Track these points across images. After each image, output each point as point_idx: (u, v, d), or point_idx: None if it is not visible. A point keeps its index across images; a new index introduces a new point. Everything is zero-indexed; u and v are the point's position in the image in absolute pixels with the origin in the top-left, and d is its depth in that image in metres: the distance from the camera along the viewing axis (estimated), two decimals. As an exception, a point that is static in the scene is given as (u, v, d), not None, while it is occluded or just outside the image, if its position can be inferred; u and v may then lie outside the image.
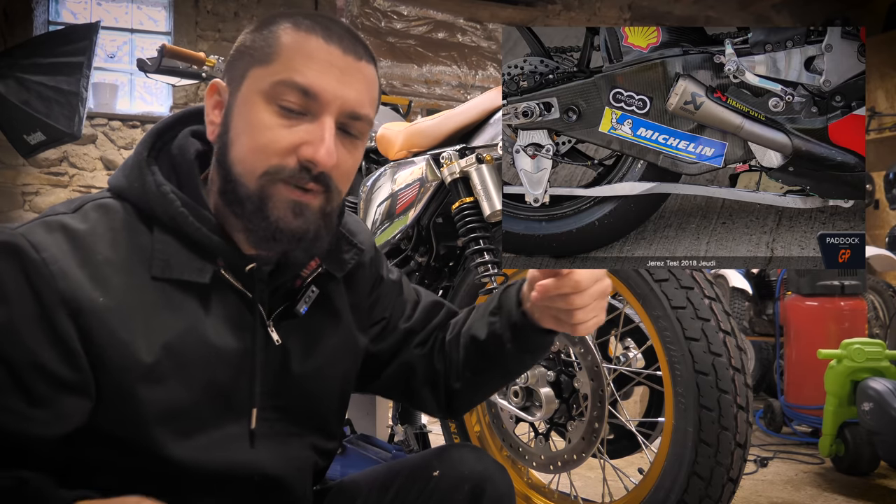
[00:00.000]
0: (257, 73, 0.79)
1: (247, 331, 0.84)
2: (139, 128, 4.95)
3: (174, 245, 0.79)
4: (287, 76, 0.77)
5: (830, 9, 6.37)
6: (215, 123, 0.83)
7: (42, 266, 0.71)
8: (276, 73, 0.78)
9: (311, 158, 0.78)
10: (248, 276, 0.84)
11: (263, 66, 0.79)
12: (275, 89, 0.78)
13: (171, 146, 0.85)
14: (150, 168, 0.81)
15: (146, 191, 0.79)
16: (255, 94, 0.79)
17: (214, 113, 0.83)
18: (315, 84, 0.78)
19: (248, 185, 0.79)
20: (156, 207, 0.79)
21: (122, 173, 0.82)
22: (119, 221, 0.78)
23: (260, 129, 0.78)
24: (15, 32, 4.61)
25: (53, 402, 0.72)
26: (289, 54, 0.78)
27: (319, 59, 0.79)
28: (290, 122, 0.78)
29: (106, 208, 0.78)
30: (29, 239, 0.71)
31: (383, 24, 5.64)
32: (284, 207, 0.79)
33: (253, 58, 0.80)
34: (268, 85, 0.78)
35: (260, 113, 0.78)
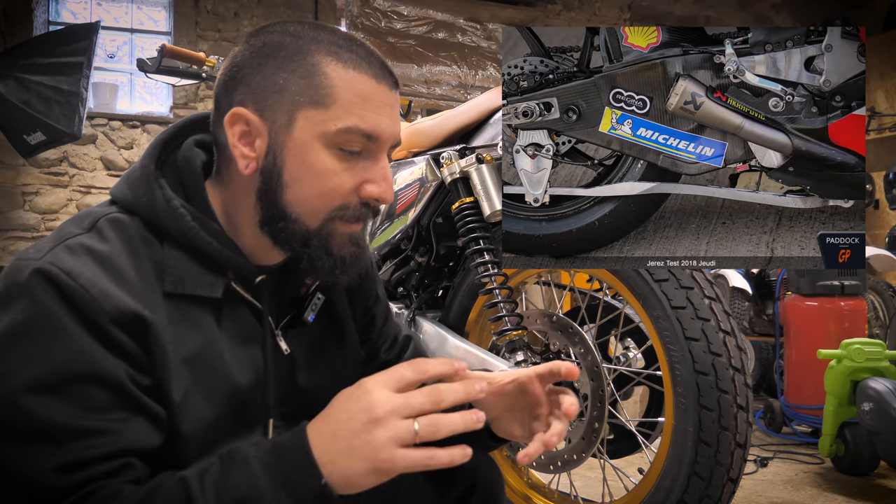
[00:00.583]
0: (312, 116, 0.78)
1: (257, 342, 0.84)
2: (139, 128, 4.95)
3: (185, 260, 0.78)
4: (353, 124, 0.77)
5: (830, 9, 6.37)
6: (250, 158, 0.80)
7: (83, 292, 0.69)
8: (338, 118, 0.77)
9: (377, 197, 0.81)
10: (257, 287, 0.84)
11: (319, 110, 0.77)
12: (339, 136, 0.78)
13: (177, 157, 0.84)
14: (157, 182, 0.79)
15: (155, 205, 0.78)
16: (314, 139, 0.78)
17: (243, 146, 0.80)
18: (378, 129, 0.79)
19: (310, 225, 0.80)
20: (166, 222, 0.78)
21: (127, 186, 0.80)
22: (135, 237, 0.77)
23: (325, 174, 0.78)
24: (15, 32, 4.61)
25: (150, 408, 0.71)
26: (348, 98, 0.78)
27: (376, 102, 0.79)
28: (351, 164, 0.79)
29: (119, 224, 0.77)
30: (60, 267, 0.69)
31: (383, 24, 5.64)
32: (346, 241, 0.82)
33: (300, 97, 0.78)
34: (331, 131, 0.77)
35: (322, 158, 0.78)
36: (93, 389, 0.68)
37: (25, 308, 0.68)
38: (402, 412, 0.65)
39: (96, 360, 0.68)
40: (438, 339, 1.65)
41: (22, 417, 0.65)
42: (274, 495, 0.64)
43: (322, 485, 0.64)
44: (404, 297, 1.85)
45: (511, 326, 1.48)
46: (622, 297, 1.46)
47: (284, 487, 0.64)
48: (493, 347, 1.58)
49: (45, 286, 0.68)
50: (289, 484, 0.65)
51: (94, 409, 0.67)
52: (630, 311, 1.54)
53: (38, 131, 3.88)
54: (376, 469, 0.65)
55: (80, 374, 0.67)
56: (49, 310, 0.68)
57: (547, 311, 1.56)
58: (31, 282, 0.68)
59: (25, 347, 0.67)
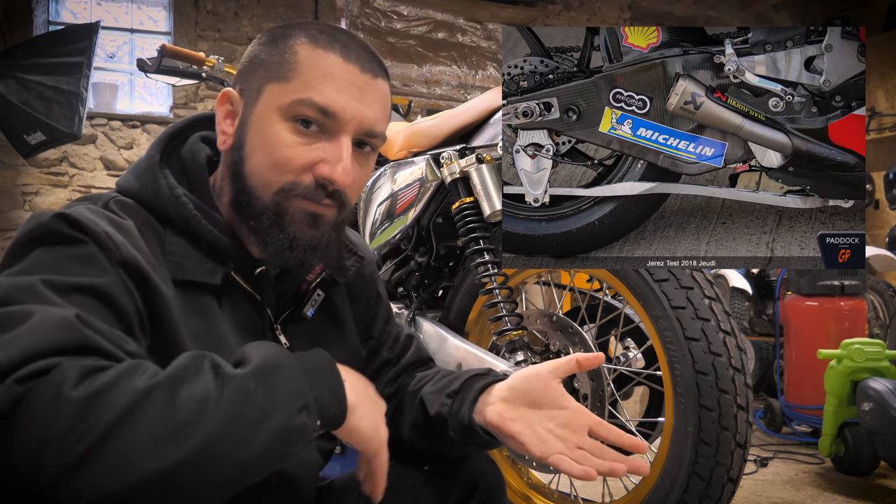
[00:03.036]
0: (274, 89, 0.79)
1: (257, 334, 0.84)
2: (139, 128, 4.95)
3: (186, 247, 0.79)
4: (306, 95, 0.78)
5: (830, 9, 6.37)
6: (227, 134, 0.83)
7: (104, 235, 0.70)
8: (294, 91, 0.78)
9: (328, 177, 0.79)
10: (257, 280, 0.84)
11: (281, 83, 0.79)
12: (293, 107, 0.78)
13: (182, 150, 0.86)
14: (162, 171, 0.81)
15: (159, 193, 0.79)
16: (273, 111, 0.79)
17: (226, 123, 0.83)
18: (334, 104, 0.78)
19: (264, 199, 0.80)
20: (169, 210, 0.79)
21: (133, 176, 0.82)
22: (141, 220, 0.78)
23: (277, 146, 0.78)
24: (15, 32, 4.60)
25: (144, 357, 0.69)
26: (307, 72, 0.78)
27: (338, 78, 0.79)
28: (307, 140, 0.79)
29: (128, 206, 0.78)
30: (83, 215, 0.71)
31: (383, 24, 5.64)
32: (300, 220, 0.80)
33: (269, 72, 0.80)
34: (286, 102, 0.78)
35: (277, 130, 0.78)
36: (105, 311, 0.67)
37: (49, 246, 0.68)
38: None
39: (115, 288, 0.68)
40: (438, 339, 1.65)
41: (32, 295, 0.63)
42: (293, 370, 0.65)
43: (341, 382, 0.68)
44: (404, 297, 1.85)
45: (511, 326, 1.48)
46: (622, 297, 1.46)
47: (306, 375, 0.66)
48: (493, 347, 1.58)
49: (69, 225, 0.70)
50: (311, 373, 0.67)
51: (97, 326, 0.64)
52: (630, 311, 1.54)
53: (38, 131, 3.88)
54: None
55: (95, 288, 0.67)
56: (75, 238, 0.69)
57: (547, 311, 1.56)
58: (54, 221, 0.69)
59: (49, 263, 0.67)
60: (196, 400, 0.58)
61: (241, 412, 0.60)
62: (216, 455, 0.58)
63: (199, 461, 0.57)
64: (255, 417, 0.60)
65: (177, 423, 0.57)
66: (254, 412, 0.60)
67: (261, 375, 0.62)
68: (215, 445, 0.58)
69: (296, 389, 0.64)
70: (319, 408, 0.66)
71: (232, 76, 2.26)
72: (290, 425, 0.62)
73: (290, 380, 0.64)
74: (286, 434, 0.62)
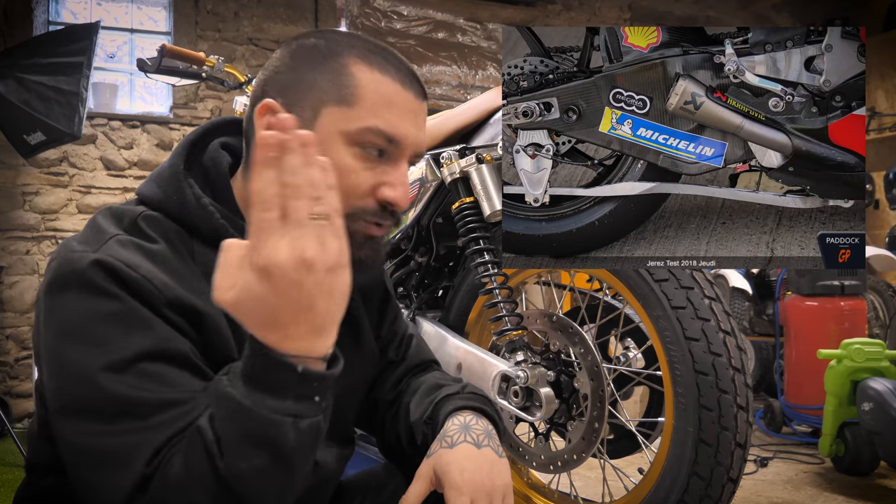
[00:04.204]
0: (335, 113, 0.79)
1: None
2: (139, 128, 4.95)
3: (215, 256, 0.79)
4: (373, 124, 0.78)
5: (830, 9, 6.37)
6: None
7: (144, 281, 0.70)
8: (360, 118, 0.78)
9: (392, 201, 0.81)
10: None
11: (343, 108, 0.79)
12: (360, 135, 0.78)
13: (203, 158, 0.86)
14: (187, 181, 0.81)
15: (186, 203, 0.79)
16: (336, 135, 0.79)
17: None
18: (399, 132, 0.80)
19: None
20: (196, 220, 0.79)
21: (156, 185, 0.82)
22: (172, 234, 0.78)
23: (344, 171, 0.78)
24: (15, 32, 4.60)
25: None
26: (372, 99, 0.79)
27: (399, 105, 0.80)
28: (370, 165, 0.80)
29: (155, 221, 0.78)
30: (119, 259, 0.70)
31: (383, 24, 5.64)
32: (363, 242, 0.81)
33: (326, 94, 0.79)
34: (353, 129, 0.78)
35: (342, 155, 0.79)
36: (164, 366, 0.68)
37: (86, 296, 0.68)
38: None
39: (165, 337, 0.69)
40: (438, 339, 1.65)
41: (103, 396, 0.65)
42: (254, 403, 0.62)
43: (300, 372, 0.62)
44: (404, 297, 1.85)
45: (511, 326, 1.48)
46: (622, 297, 1.46)
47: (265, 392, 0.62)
48: (493, 347, 1.58)
49: (106, 275, 0.69)
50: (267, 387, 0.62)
51: (170, 382, 0.67)
52: (630, 311, 1.54)
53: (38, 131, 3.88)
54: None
55: (150, 351, 0.68)
56: (112, 294, 0.69)
57: (547, 311, 1.56)
58: (90, 270, 0.69)
59: (93, 330, 0.67)
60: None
61: (257, 481, 0.62)
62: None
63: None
64: (267, 472, 0.62)
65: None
66: (262, 472, 0.62)
67: (236, 453, 0.62)
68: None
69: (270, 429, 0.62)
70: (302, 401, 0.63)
71: (232, 76, 2.27)
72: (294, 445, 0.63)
73: (258, 430, 0.62)
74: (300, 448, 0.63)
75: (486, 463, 0.83)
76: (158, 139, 4.90)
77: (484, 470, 0.82)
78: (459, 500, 0.79)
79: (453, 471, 0.81)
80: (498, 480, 0.83)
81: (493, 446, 0.86)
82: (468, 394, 0.94)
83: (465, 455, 0.83)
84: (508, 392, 1.48)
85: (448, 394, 0.94)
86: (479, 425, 0.89)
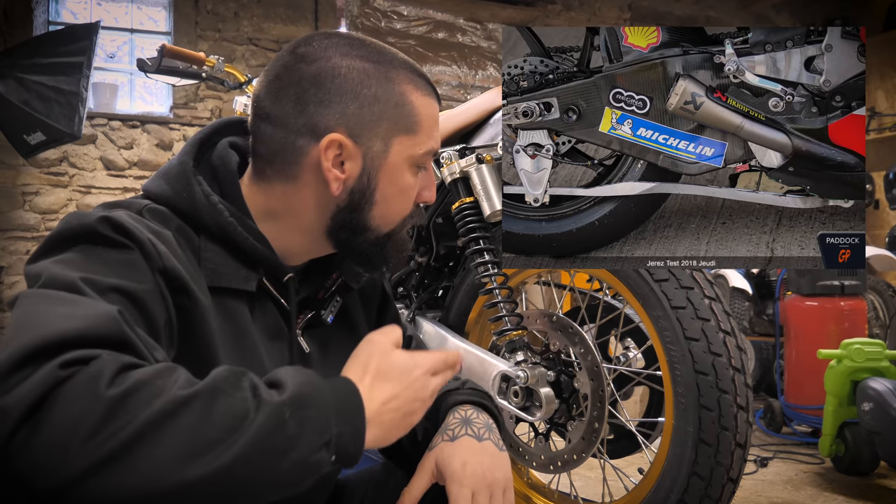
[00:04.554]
0: (404, 142, 0.85)
1: (284, 340, 0.86)
2: (139, 128, 4.95)
3: (221, 254, 0.80)
4: (431, 147, 0.87)
5: (830, 9, 6.37)
6: (341, 179, 0.83)
7: (148, 243, 0.71)
8: (422, 144, 0.86)
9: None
10: (284, 286, 0.86)
11: (409, 136, 0.85)
12: (422, 158, 0.87)
13: (212, 157, 0.87)
14: (196, 178, 0.82)
15: (195, 200, 0.80)
16: (405, 162, 0.86)
17: (341, 169, 0.83)
18: (439, 146, 0.90)
19: (385, 231, 0.88)
20: (204, 217, 0.80)
21: (164, 181, 0.82)
22: (175, 228, 0.79)
23: (410, 190, 0.88)
24: (15, 32, 4.60)
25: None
26: (427, 124, 0.86)
27: (437, 122, 0.89)
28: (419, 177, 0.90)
29: (161, 214, 0.79)
30: (126, 221, 0.71)
31: (383, 24, 5.64)
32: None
33: (395, 125, 0.84)
34: (418, 154, 0.86)
35: (408, 177, 0.87)
36: (135, 311, 0.67)
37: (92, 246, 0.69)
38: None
39: (149, 296, 0.68)
40: (438, 339, 1.65)
41: (71, 287, 0.63)
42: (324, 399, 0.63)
43: (363, 423, 0.66)
44: (404, 297, 1.85)
45: (511, 326, 1.48)
46: (622, 297, 1.46)
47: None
48: (493, 347, 1.58)
49: (115, 229, 0.70)
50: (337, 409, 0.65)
51: (130, 324, 0.64)
52: (630, 311, 1.54)
53: (38, 131, 3.88)
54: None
55: (131, 294, 0.67)
56: (121, 244, 0.69)
57: (547, 311, 1.56)
58: (99, 224, 0.70)
59: (90, 262, 0.67)
60: (233, 416, 0.57)
61: (271, 438, 0.59)
62: (238, 476, 0.57)
63: (221, 480, 0.56)
64: (282, 446, 0.59)
65: (210, 438, 0.56)
66: (282, 441, 0.59)
67: (296, 405, 0.61)
68: (240, 467, 0.57)
69: (324, 425, 0.62)
70: (338, 445, 0.64)
71: (232, 76, 2.27)
72: (310, 460, 0.61)
73: (321, 414, 0.63)
74: (305, 467, 0.61)
75: (487, 456, 0.84)
76: (158, 139, 4.90)
77: (485, 462, 0.83)
78: (461, 492, 0.80)
79: (455, 463, 0.82)
80: (499, 473, 0.83)
81: (493, 439, 0.87)
82: (468, 389, 0.95)
83: (467, 448, 0.84)
84: (508, 392, 1.48)
85: (448, 389, 0.95)
86: (479, 419, 0.90)
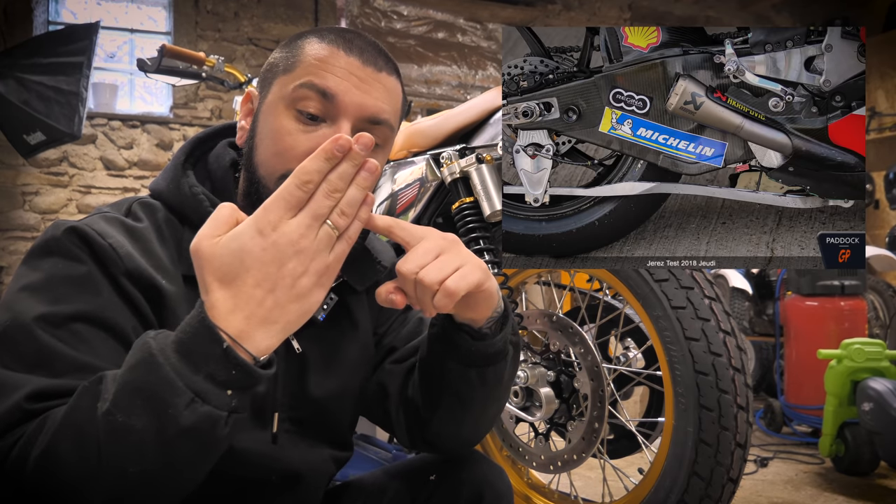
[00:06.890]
0: (281, 81, 0.83)
1: None
2: (139, 128, 4.95)
3: None
4: (306, 79, 0.80)
5: (830, 9, 6.37)
6: (244, 129, 0.87)
7: (109, 250, 0.74)
8: (297, 78, 0.81)
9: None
10: None
11: (287, 75, 0.82)
12: (295, 93, 0.80)
13: (209, 155, 0.91)
14: (185, 172, 0.86)
15: (180, 192, 0.84)
16: (279, 101, 0.82)
17: (246, 119, 0.88)
18: (332, 87, 0.79)
19: (269, 187, 0.81)
20: (187, 208, 0.83)
21: (160, 176, 0.88)
22: (161, 219, 0.83)
23: (281, 133, 0.81)
24: (15, 32, 4.60)
25: None
26: (310, 62, 0.81)
27: (338, 67, 0.81)
28: (308, 128, 0.80)
29: (150, 206, 0.84)
30: (93, 227, 0.75)
31: (383, 24, 5.64)
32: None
33: (279, 68, 0.84)
34: (289, 90, 0.81)
35: (281, 118, 0.81)
36: (98, 332, 0.71)
37: (59, 259, 0.74)
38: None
39: (109, 306, 0.73)
40: (438, 339, 1.65)
41: (28, 339, 0.68)
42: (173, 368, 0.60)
43: (221, 348, 0.60)
44: (404, 297, 1.85)
45: (511, 326, 1.48)
46: (622, 297, 1.46)
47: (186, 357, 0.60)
48: (493, 347, 1.57)
49: (77, 240, 0.74)
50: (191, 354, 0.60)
51: (95, 349, 0.70)
52: (630, 311, 1.54)
53: (38, 131, 3.88)
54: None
55: (89, 315, 0.71)
56: (78, 258, 0.74)
57: (547, 311, 1.56)
58: (64, 236, 0.75)
59: (50, 287, 0.72)
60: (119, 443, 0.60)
61: (127, 445, 0.60)
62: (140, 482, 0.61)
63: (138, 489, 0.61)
64: (142, 441, 0.59)
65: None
66: (137, 437, 0.59)
67: (122, 403, 0.60)
68: (143, 478, 0.61)
69: (167, 393, 0.59)
70: (213, 384, 0.60)
71: (232, 76, 2.27)
72: (184, 427, 0.59)
73: (156, 388, 0.59)
74: (189, 436, 0.60)
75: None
76: (158, 139, 4.91)
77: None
78: (421, 245, 0.81)
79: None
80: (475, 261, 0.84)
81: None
82: None
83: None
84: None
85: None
86: None
